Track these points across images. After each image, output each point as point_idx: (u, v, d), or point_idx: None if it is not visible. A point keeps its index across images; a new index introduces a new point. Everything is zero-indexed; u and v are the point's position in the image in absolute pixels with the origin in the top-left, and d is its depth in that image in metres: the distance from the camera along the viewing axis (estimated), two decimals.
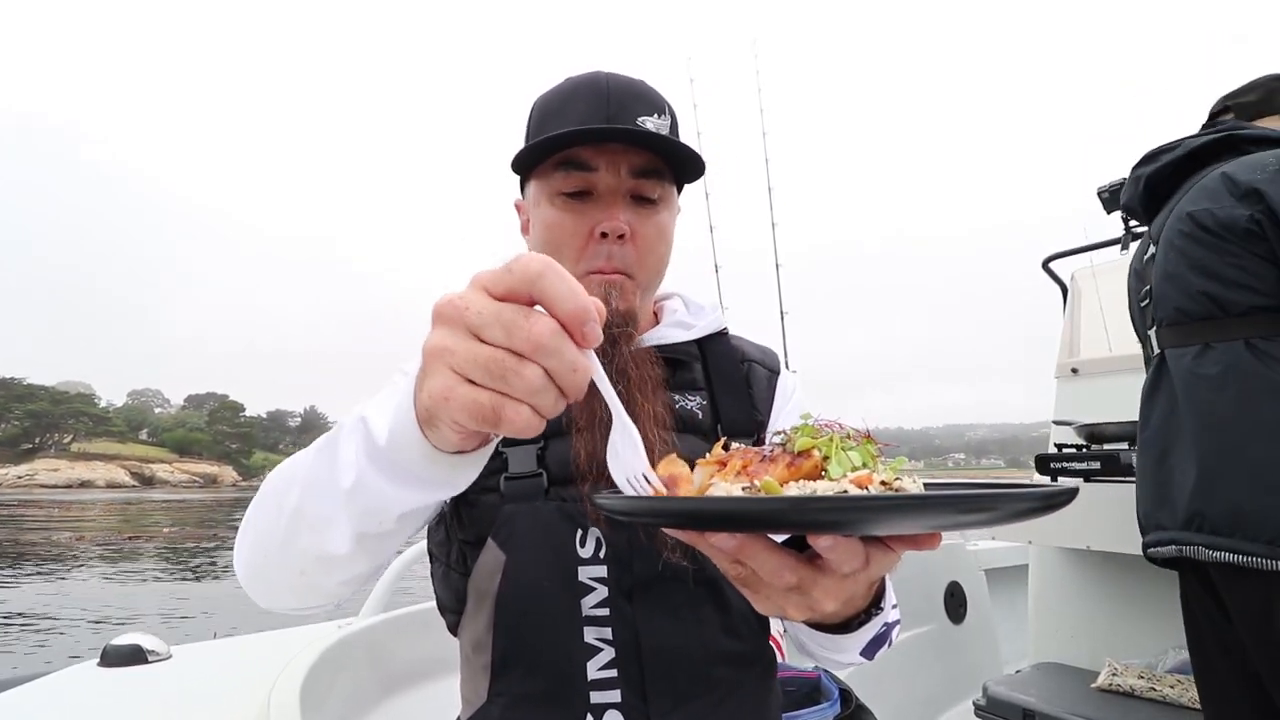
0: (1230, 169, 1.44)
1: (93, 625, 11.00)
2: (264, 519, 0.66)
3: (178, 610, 12.09)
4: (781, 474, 0.52)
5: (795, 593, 0.52)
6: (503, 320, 0.44)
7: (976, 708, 2.04)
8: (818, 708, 1.43)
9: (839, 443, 0.54)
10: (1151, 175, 1.62)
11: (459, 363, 0.45)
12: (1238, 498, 1.32)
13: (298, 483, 0.61)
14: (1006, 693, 1.97)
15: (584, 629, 0.78)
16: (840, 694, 1.49)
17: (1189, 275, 1.47)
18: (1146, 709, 1.82)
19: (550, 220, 0.85)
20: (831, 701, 1.45)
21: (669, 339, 0.92)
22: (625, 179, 0.84)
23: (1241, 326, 1.38)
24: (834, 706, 1.45)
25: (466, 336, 0.45)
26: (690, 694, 0.79)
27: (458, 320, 0.45)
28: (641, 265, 0.86)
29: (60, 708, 1.08)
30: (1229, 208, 1.40)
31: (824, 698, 1.46)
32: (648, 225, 0.86)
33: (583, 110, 0.84)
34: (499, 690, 0.81)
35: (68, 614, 11.86)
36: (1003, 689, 2.00)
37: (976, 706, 2.04)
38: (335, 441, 0.59)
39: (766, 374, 0.98)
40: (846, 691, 1.51)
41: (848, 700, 1.49)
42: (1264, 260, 1.36)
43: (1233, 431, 1.34)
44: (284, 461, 0.67)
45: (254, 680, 1.18)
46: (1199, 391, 1.41)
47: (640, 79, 0.88)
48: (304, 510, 0.60)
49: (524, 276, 0.44)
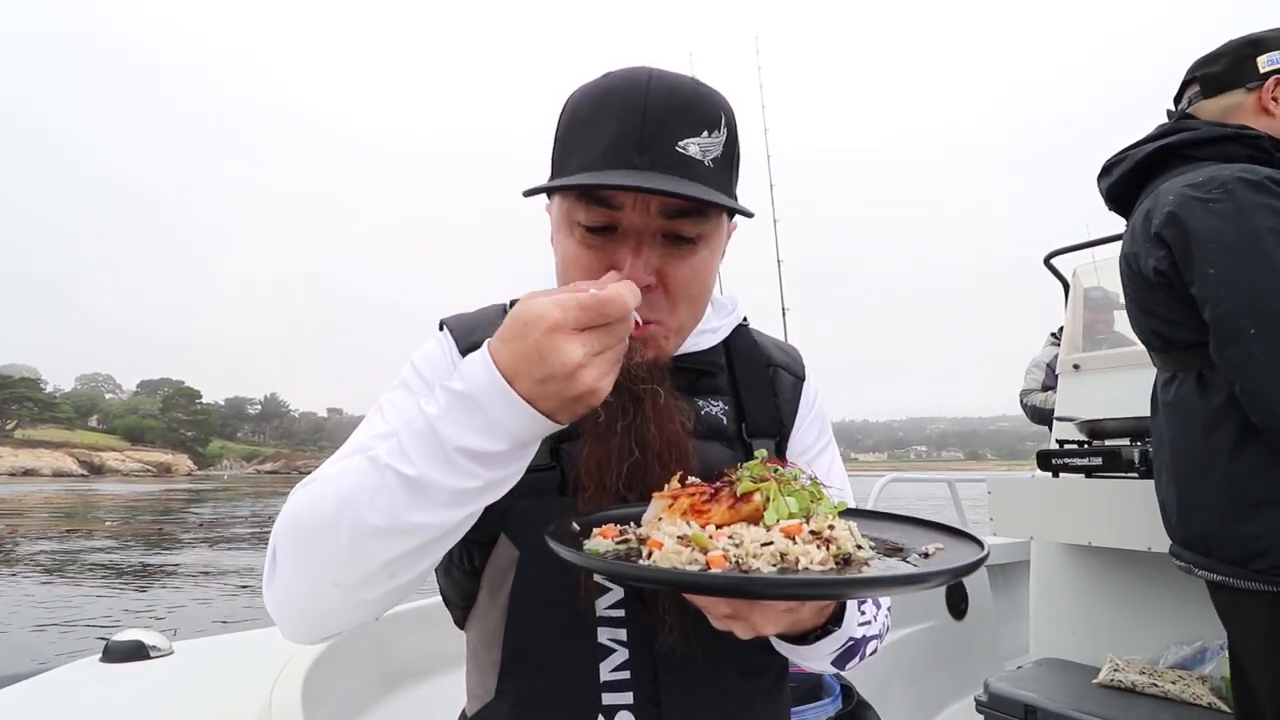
0: (1151, 205, 1.45)
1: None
2: (326, 551, 0.64)
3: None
4: (723, 516, 0.59)
5: (732, 620, 0.59)
6: (615, 334, 0.61)
7: (978, 703, 2.04)
8: (820, 703, 1.43)
9: (781, 489, 0.60)
10: (1110, 188, 1.63)
11: (606, 368, 0.61)
12: (1204, 523, 1.40)
13: (383, 510, 0.61)
14: (1008, 688, 1.98)
15: (598, 629, 0.78)
16: (842, 690, 1.49)
17: (1138, 314, 1.55)
18: (1148, 704, 1.82)
19: (569, 254, 0.76)
20: (833, 697, 1.46)
21: (697, 347, 0.89)
22: (655, 218, 0.72)
23: (1191, 358, 1.43)
24: (835, 702, 1.45)
25: (599, 358, 0.60)
26: (703, 700, 0.80)
27: (586, 359, 0.59)
28: (674, 312, 0.77)
29: (62, 704, 1.08)
30: (1145, 254, 1.45)
31: (826, 694, 1.47)
32: (681, 269, 0.75)
33: (614, 131, 0.71)
34: (507, 688, 0.81)
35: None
36: (1004, 685, 2.00)
37: (978, 702, 2.04)
38: (427, 477, 0.60)
39: (792, 380, 0.95)
40: (848, 688, 1.52)
41: (849, 696, 1.49)
42: (1183, 304, 1.40)
43: (1195, 460, 1.41)
44: (306, 497, 0.67)
45: (256, 676, 1.18)
46: (1169, 420, 1.50)
47: (690, 79, 0.75)
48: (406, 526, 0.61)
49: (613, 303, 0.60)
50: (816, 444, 0.96)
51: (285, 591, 0.68)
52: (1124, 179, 1.58)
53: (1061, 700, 1.87)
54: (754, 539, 0.56)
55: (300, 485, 0.71)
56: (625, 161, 0.70)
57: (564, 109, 0.79)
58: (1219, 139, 1.44)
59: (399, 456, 0.61)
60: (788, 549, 0.55)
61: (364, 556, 0.62)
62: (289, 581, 0.67)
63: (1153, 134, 1.57)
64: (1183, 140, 1.48)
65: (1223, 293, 1.29)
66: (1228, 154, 1.42)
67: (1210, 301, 1.31)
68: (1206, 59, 1.56)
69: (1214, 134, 1.45)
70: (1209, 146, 1.45)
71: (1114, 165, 1.62)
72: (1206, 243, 1.31)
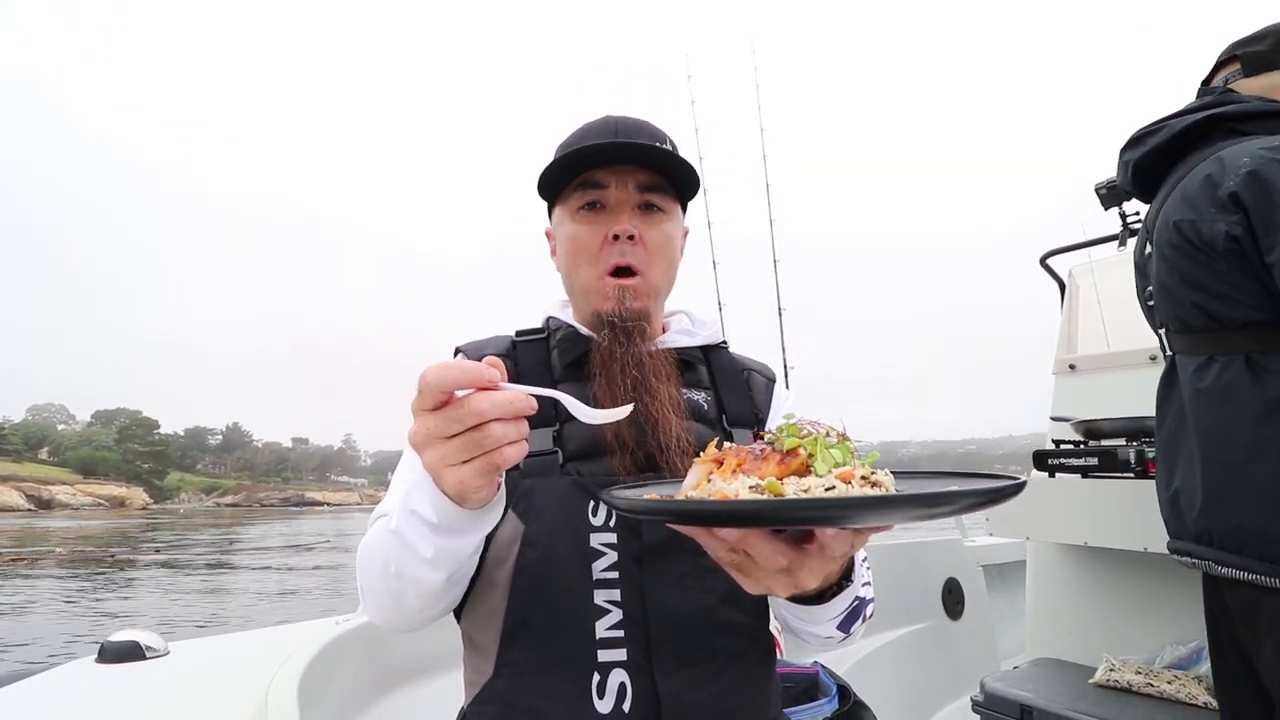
0: (1212, 169, 1.36)
1: None
2: (379, 587, 0.81)
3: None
4: (774, 470, 0.61)
5: (784, 574, 0.62)
6: (449, 419, 0.61)
7: (974, 704, 2.04)
8: (815, 703, 1.43)
9: (823, 441, 0.63)
10: (1140, 160, 1.55)
11: (450, 457, 0.63)
12: (1241, 518, 1.30)
13: (393, 561, 0.76)
14: (1004, 688, 1.98)
15: (594, 591, 0.85)
16: (838, 690, 1.49)
17: (1181, 289, 1.42)
18: (1144, 705, 1.83)
19: (571, 232, 0.99)
20: (830, 697, 1.46)
21: (676, 344, 1.03)
22: (633, 193, 0.98)
23: (1240, 340, 1.33)
24: (832, 702, 1.45)
25: (442, 443, 0.63)
26: (693, 657, 0.85)
27: (426, 441, 0.63)
28: (651, 264, 0.98)
29: (57, 704, 1.08)
30: (1210, 220, 1.33)
31: (822, 694, 1.47)
32: (654, 230, 0.98)
33: (593, 132, 0.99)
34: (506, 660, 0.86)
35: None
36: (1000, 685, 2.00)
37: (974, 702, 2.04)
38: (403, 533, 0.74)
39: (765, 381, 1.09)
40: (844, 688, 1.52)
41: (845, 696, 1.49)
42: (1250, 276, 1.30)
43: (1234, 450, 1.31)
44: (371, 543, 0.83)
45: (252, 676, 1.18)
46: (1202, 407, 1.38)
47: (644, 118, 1.02)
48: (405, 576, 0.77)
49: (427, 385, 0.60)
50: None
51: (368, 606, 0.86)
52: (1159, 149, 1.51)
53: (1057, 700, 1.87)
54: (817, 485, 0.58)
55: (373, 518, 0.88)
56: (606, 140, 0.96)
57: (556, 151, 1.01)
58: (1269, 114, 1.40)
59: (398, 511, 0.75)
60: (848, 492, 0.58)
61: (398, 595, 0.79)
62: (369, 603, 0.86)
63: (1193, 105, 1.50)
64: (1230, 112, 1.42)
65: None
66: (1276, 130, 1.37)
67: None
68: (1249, 39, 1.52)
69: (1265, 109, 1.40)
70: (1257, 121, 1.40)
71: (1148, 135, 1.54)
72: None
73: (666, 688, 0.82)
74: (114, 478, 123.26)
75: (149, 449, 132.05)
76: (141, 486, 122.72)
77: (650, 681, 0.82)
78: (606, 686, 0.82)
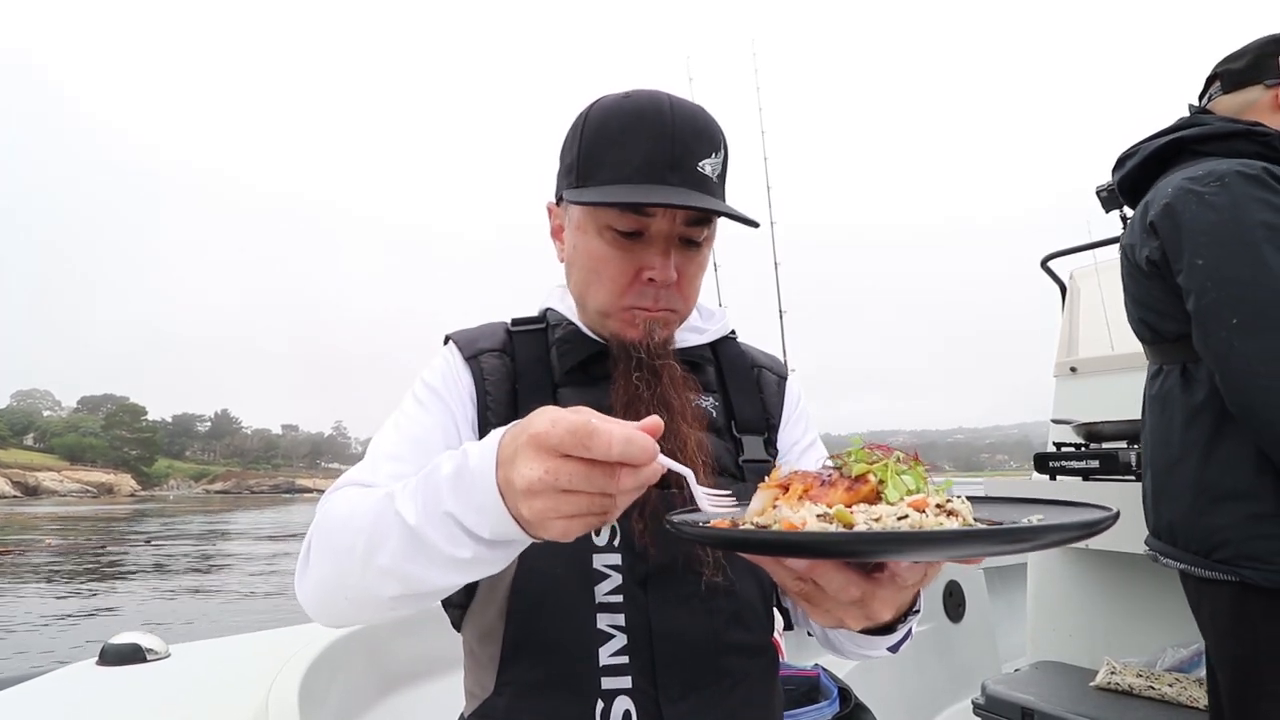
0: (1151, 197, 1.47)
1: None
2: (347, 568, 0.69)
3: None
4: (842, 497, 0.57)
5: (856, 605, 0.58)
6: (592, 479, 0.54)
7: (975, 706, 2.04)
8: (816, 706, 1.43)
9: (893, 467, 0.59)
10: (1122, 181, 1.64)
11: (566, 509, 0.55)
12: (1173, 514, 1.44)
13: (387, 554, 0.64)
14: (1005, 691, 1.98)
15: (597, 615, 0.81)
16: (839, 693, 1.49)
17: (1131, 305, 1.58)
18: (1145, 707, 1.82)
19: (598, 253, 0.86)
20: (830, 700, 1.45)
21: (685, 343, 0.96)
22: (678, 226, 0.85)
23: (1177, 351, 1.46)
24: (833, 705, 1.45)
25: (569, 496, 0.55)
26: (699, 682, 0.82)
27: (548, 489, 0.54)
28: (685, 303, 0.90)
29: (59, 707, 1.08)
30: (1140, 245, 1.47)
31: (823, 696, 1.46)
32: (692, 265, 0.89)
33: (647, 149, 0.82)
34: (507, 679, 0.83)
35: None
36: (1001, 688, 2.00)
37: (975, 705, 2.04)
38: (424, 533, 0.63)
39: (775, 379, 1.03)
40: (845, 690, 1.51)
41: (846, 699, 1.49)
42: (1174, 295, 1.42)
43: (1171, 452, 1.44)
44: (337, 514, 0.71)
45: (252, 679, 1.18)
46: (1152, 412, 1.53)
47: (700, 108, 0.87)
48: (407, 576, 0.65)
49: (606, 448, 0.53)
50: (805, 438, 1.01)
51: (313, 585, 0.73)
52: (1135, 172, 1.59)
53: (1058, 703, 1.87)
54: (889, 514, 0.54)
55: (333, 489, 0.77)
56: (660, 178, 0.82)
57: (586, 121, 0.88)
58: (1229, 134, 1.45)
59: (407, 501, 0.64)
60: (921, 522, 0.53)
61: (370, 587, 0.67)
62: (315, 580, 0.72)
63: (1167, 128, 1.58)
64: (1194, 135, 1.49)
65: (1208, 283, 1.31)
66: (1236, 150, 1.43)
67: (1195, 292, 1.33)
68: (1231, 56, 1.57)
69: (1224, 129, 1.46)
70: (1218, 142, 1.46)
71: (1127, 158, 1.63)
72: (1197, 234, 1.33)
73: (673, 713, 0.80)
74: (101, 464, 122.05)
75: (136, 435, 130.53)
76: (129, 473, 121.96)
77: (656, 708, 0.80)
78: (611, 713, 0.79)
